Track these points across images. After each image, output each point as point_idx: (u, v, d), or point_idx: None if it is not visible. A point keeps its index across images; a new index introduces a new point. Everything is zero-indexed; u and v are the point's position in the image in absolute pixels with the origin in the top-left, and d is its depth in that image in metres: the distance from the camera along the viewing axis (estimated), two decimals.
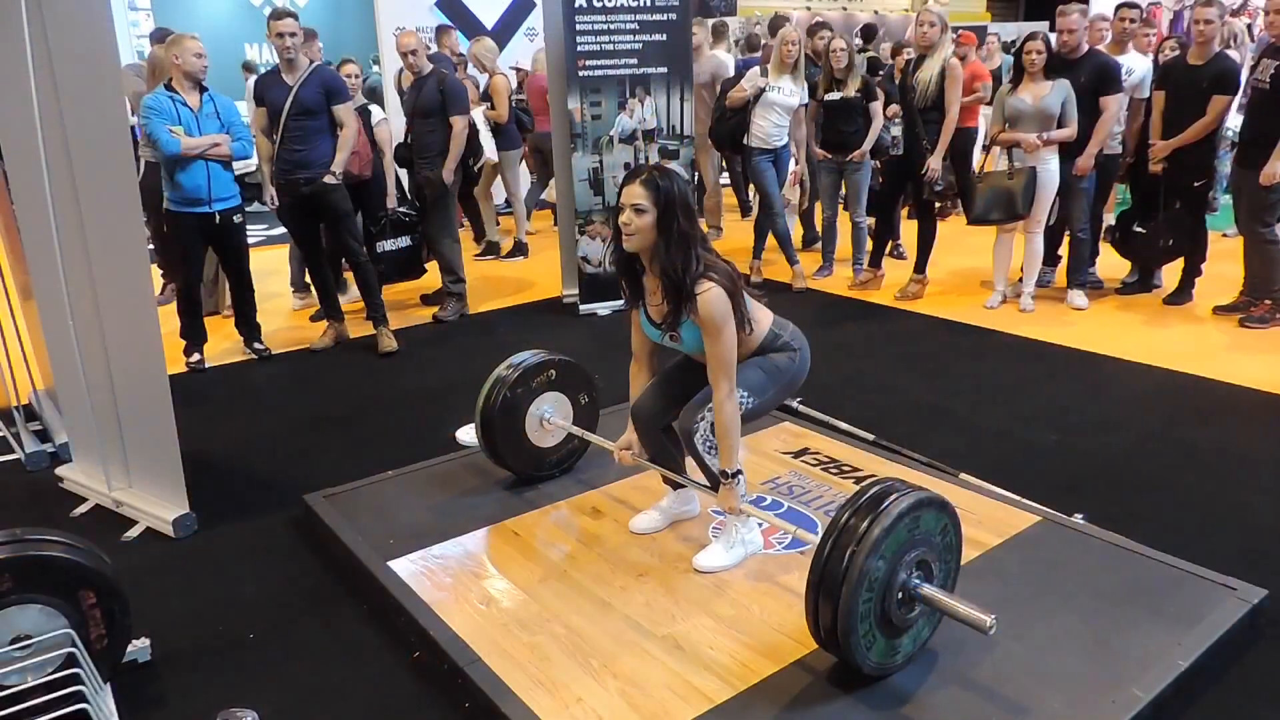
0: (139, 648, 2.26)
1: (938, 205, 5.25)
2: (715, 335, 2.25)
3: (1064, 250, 5.34)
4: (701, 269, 2.24)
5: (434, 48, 5.00)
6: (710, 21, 7.61)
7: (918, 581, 1.96)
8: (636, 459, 2.61)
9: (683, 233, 2.22)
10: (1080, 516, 2.70)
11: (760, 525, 2.58)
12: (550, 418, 2.93)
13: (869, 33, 10.22)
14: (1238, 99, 5.01)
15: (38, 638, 1.97)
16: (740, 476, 2.38)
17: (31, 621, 1.97)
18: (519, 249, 6.76)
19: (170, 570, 2.74)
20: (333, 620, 2.44)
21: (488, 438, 2.89)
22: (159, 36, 5.13)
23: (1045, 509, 2.74)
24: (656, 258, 2.25)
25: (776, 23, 6.74)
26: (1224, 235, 6.25)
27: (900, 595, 1.94)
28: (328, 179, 4.40)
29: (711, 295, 2.22)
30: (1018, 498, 2.81)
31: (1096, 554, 2.49)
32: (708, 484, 2.50)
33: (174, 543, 2.88)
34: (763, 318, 2.45)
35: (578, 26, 4.86)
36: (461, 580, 2.46)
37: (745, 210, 7.83)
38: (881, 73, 5.88)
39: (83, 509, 3.12)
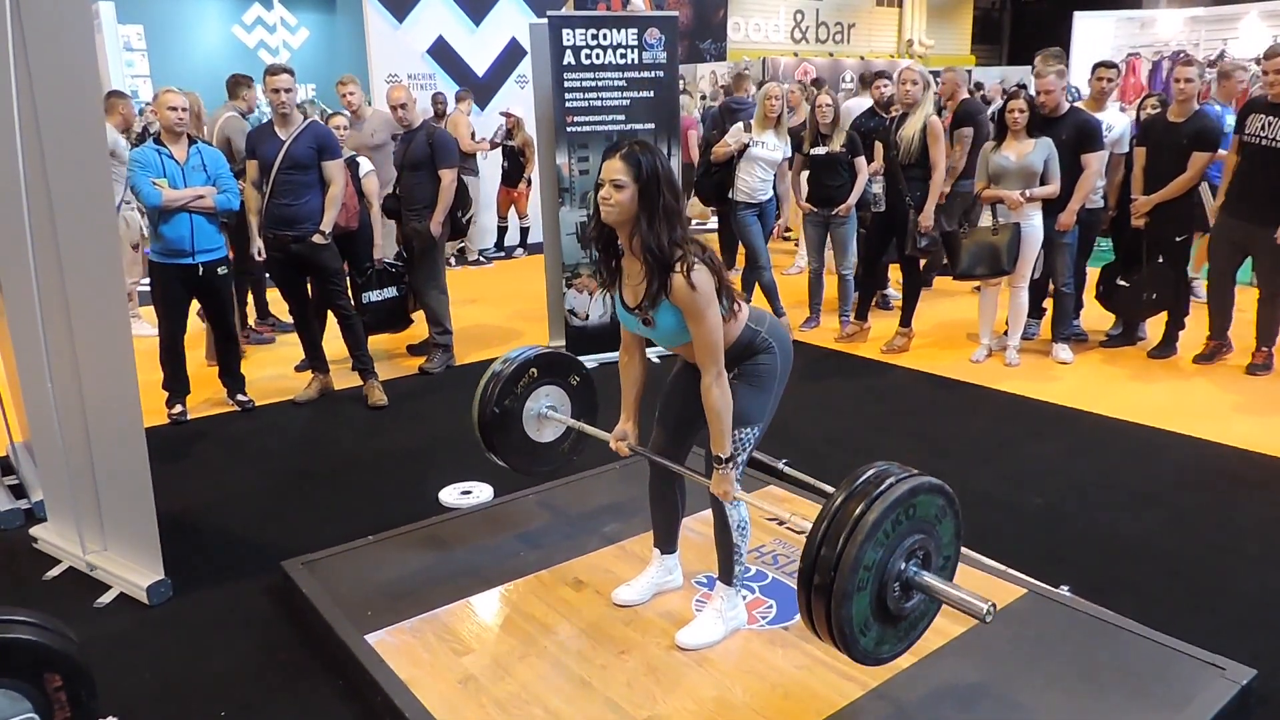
0: None
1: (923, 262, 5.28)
2: (699, 317, 2.14)
3: (1048, 303, 5.38)
4: (683, 250, 2.14)
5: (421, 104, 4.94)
6: None
7: (916, 570, 1.86)
8: (632, 448, 2.54)
9: (667, 208, 2.13)
10: (1066, 588, 2.68)
11: (744, 598, 2.55)
12: (547, 413, 2.89)
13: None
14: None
15: None
16: (735, 463, 2.28)
17: None
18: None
19: (142, 640, 2.67)
20: (308, 697, 2.38)
21: (490, 445, 2.88)
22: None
23: (1032, 580, 2.72)
24: (637, 233, 2.14)
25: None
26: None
27: (897, 584, 1.85)
28: (316, 239, 4.41)
29: (693, 275, 2.11)
30: (1004, 568, 2.79)
31: (1083, 629, 2.47)
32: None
33: (147, 610, 2.82)
34: (741, 308, 2.35)
35: (566, 84, 4.91)
36: (440, 656, 2.41)
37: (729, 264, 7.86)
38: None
39: (56, 571, 3.06)
